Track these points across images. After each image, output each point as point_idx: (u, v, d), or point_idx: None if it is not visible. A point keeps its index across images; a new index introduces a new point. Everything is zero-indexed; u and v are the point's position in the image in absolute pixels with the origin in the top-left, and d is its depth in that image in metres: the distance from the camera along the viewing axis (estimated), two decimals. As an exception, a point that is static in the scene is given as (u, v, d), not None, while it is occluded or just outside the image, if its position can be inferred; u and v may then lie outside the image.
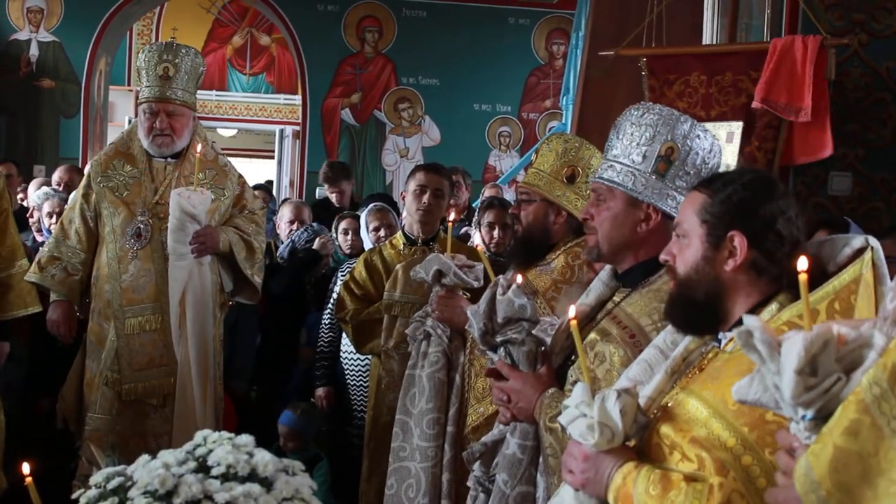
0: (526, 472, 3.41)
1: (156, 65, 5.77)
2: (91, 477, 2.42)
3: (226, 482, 2.31)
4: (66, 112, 14.00)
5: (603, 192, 3.24)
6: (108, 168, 5.85)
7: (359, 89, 14.38)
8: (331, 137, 14.31)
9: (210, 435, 2.46)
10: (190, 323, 5.69)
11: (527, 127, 14.62)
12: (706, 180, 2.67)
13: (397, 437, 4.57)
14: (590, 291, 3.40)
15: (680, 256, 2.61)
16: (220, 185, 5.89)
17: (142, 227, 5.70)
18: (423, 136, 14.41)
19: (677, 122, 3.16)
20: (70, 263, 5.83)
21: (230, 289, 6.01)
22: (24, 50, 13.93)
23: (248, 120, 17.81)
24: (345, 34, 14.37)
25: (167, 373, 5.68)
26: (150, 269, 5.69)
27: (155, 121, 5.76)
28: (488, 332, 3.46)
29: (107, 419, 5.66)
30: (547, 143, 4.57)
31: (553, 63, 14.66)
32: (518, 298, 3.44)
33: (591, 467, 2.47)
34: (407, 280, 5.55)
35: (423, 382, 4.47)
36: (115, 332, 5.68)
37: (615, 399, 2.41)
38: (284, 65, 17.50)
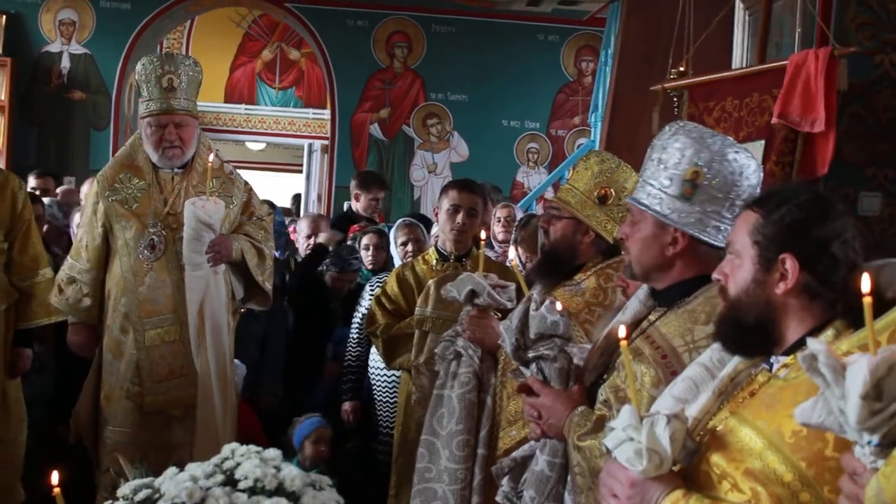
0: (554, 489, 3.40)
1: (158, 77, 5.74)
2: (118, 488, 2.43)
3: (253, 496, 2.31)
4: (97, 124, 14.06)
5: (636, 214, 3.23)
6: (114, 182, 5.83)
7: (387, 104, 14.39)
8: (359, 152, 14.32)
9: (238, 448, 2.46)
10: (208, 332, 5.69)
11: (555, 143, 14.60)
12: (760, 199, 2.62)
13: (423, 457, 4.54)
14: (626, 309, 3.38)
15: (732, 277, 2.56)
16: (227, 193, 5.89)
17: (155, 238, 5.69)
18: (452, 151, 14.40)
19: (704, 145, 3.12)
20: (83, 283, 5.82)
21: (241, 296, 6.01)
22: (55, 62, 14.00)
23: (276, 134, 17.84)
24: (374, 49, 14.39)
25: (188, 383, 5.68)
26: (167, 281, 5.68)
27: (163, 133, 5.73)
28: (520, 348, 3.45)
29: (128, 432, 5.65)
30: (584, 160, 4.53)
31: (582, 80, 14.64)
32: (551, 315, 3.43)
33: (638, 494, 2.43)
34: (439, 296, 5.54)
35: (453, 403, 4.45)
36: (135, 345, 5.67)
37: (665, 425, 2.37)
38: (314, 79, 17.53)
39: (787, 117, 5.85)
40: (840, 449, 2.18)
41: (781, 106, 5.90)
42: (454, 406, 4.44)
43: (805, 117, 5.83)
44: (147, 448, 5.52)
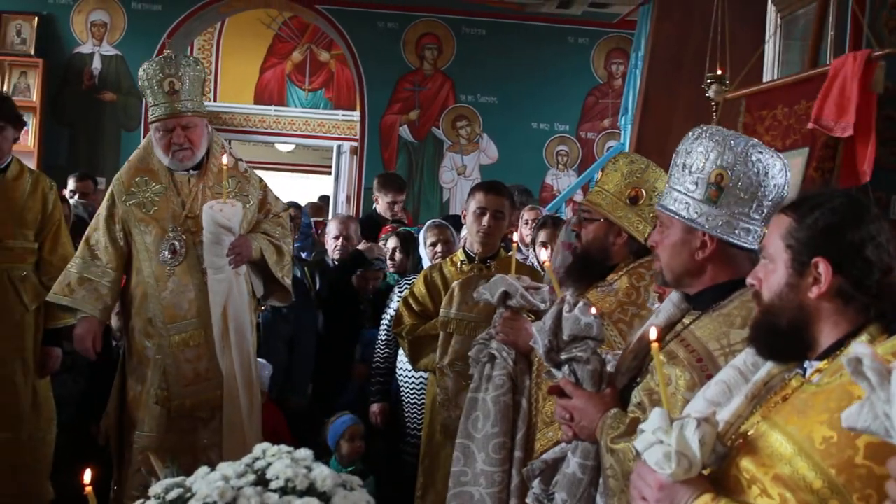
0: (585, 492, 3.39)
1: (160, 81, 5.73)
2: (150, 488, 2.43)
3: (284, 496, 2.31)
4: (127, 125, 14.10)
5: (664, 220, 3.23)
6: (131, 186, 5.84)
7: (417, 106, 14.39)
8: (388, 154, 14.32)
9: (269, 448, 2.46)
10: (232, 334, 5.70)
11: (585, 146, 14.56)
12: (794, 203, 2.60)
13: (458, 461, 4.53)
14: (660, 312, 3.38)
15: (765, 281, 2.55)
16: (244, 192, 5.90)
17: (176, 243, 5.69)
18: (481, 153, 14.38)
19: (727, 147, 3.12)
20: (101, 284, 5.79)
21: (261, 293, 6.02)
22: (87, 63, 14.05)
23: (306, 135, 17.84)
24: (404, 51, 14.39)
25: (214, 386, 5.70)
26: (189, 285, 5.69)
27: (171, 137, 5.74)
28: (553, 349, 3.44)
29: (155, 437, 5.66)
30: (613, 161, 4.52)
31: (612, 82, 14.60)
32: (584, 316, 3.41)
33: (666, 497, 2.42)
34: (463, 298, 5.55)
35: (488, 406, 4.44)
36: (160, 350, 5.68)
37: (695, 428, 2.36)
38: (343, 81, 17.53)
39: (821, 121, 5.80)
40: (870, 457, 2.18)
41: (817, 111, 5.85)
42: (489, 409, 4.43)
43: (838, 121, 5.77)
44: (175, 451, 5.51)
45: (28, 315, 6.36)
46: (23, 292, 6.31)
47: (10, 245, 6.31)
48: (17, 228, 6.34)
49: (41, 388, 6.47)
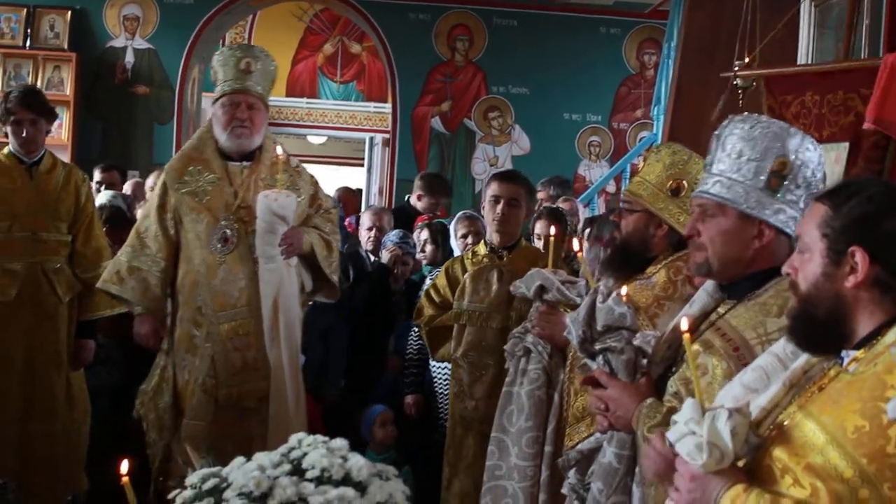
0: (622, 481, 3.38)
1: (236, 61, 5.81)
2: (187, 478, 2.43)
3: (320, 485, 2.31)
4: (160, 118, 14.15)
5: (711, 208, 3.17)
6: (184, 174, 5.87)
7: (449, 98, 14.37)
8: (420, 145, 14.32)
9: (305, 438, 2.46)
10: (282, 325, 5.71)
11: (617, 137, 14.50)
12: (830, 191, 2.57)
13: (493, 455, 4.54)
14: (694, 302, 3.35)
15: (801, 271, 2.52)
16: (296, 187, 5.91)
17: (228, 232, 5.71)
18: (513, 144, 14.35)
19: (788, 135, 3.10)
20: (150, 273, 5.82)
21: (310, 288, 6.02)
22: (119, 57, 14.10)
23: (338, 128, 17.87)
24: (435, 43, 14.37)
25: (262, 376, 5.71)
26: (240, 274, 5.70)
27: (235, 112, 5.77)
28: (587, 340, 3.42)
29: (202, 425, 5.68)
30: (655, 152, 4.47)
31: (644, 73, 14.53)
32: (618, 307, 3.40)
33: (698, 488, 2.41)
34: (474, 288, 5.57)
35: (523, 400, 4.44)
36: (209, 339, 5.69)
37: (726, 419, 2.35)
38: (375, 73, 17.55)
39: (884, 122, 5.67)
40: None
41: (877, 110, 5.72)
42: (523, 403, 4.43)
43: None
44: (222, 440, 5.54)
45: (62, 307, 6.40)
46: (56, 284, 6.35)
47: (43, 238, 6.35)
48: (51, 221, 6.37)
49: (75, 380, 6.50)
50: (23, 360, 6.28)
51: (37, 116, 6.38)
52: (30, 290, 6.29)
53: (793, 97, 6.36)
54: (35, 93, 6.65)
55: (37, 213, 6.33)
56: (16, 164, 6.37)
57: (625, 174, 12.40)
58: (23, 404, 6.27)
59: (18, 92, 6.46)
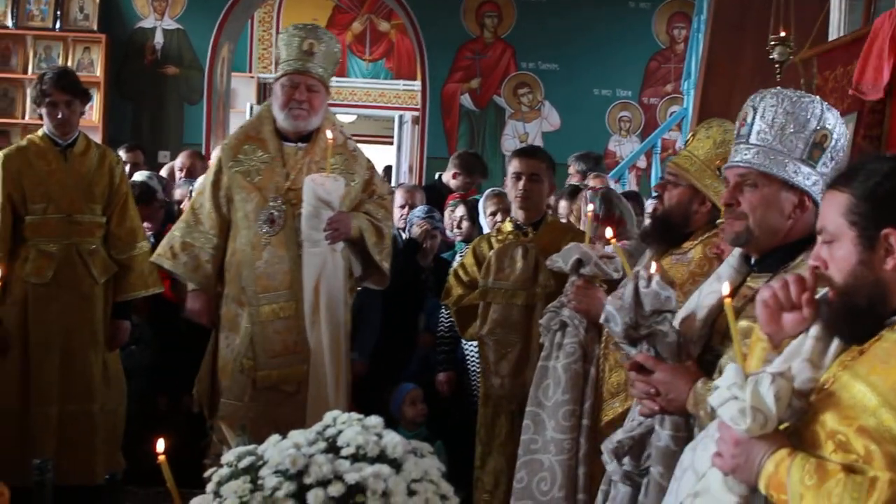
0: (679, 463, 3.36)
1: (300, 41, 5.79)
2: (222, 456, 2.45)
3: (355, 463, 2.32)
4: (190, 98, 14.20)
5: (753, 177, 3.14)
6: (239, 153, 5.87)
7: (478, 74, 14.35)
8: (450, 123, 14.31)
9: (340, 416, 2.47)
10: (323, 310, 5.70)
11: (647, 112, 14.46)
12: (842, 177, 2.56)
13: (528, 429, 4.54)
14: (721, 277, 3.33)
15: (832, 262, 2.50)
16: (350, 171, 5.89)
17: (275, 213, 5.71)
18: (543, 121, 14.33)
19: (827, 110, 3.11)
20: (203, 250, 5.85)
21: (359, 274, 6.01)
22: (149, 38, 14.16)
23: (367, 106, 17.88)
24: (464, 19, 14.35)
25: (301, 360, 5.71)
26: (284, 256, 5.71)
27: (294, 93, 5.76)
28: (632, 326, 3.40)
29: (239, 405, 5.70)
30: (706, 127, 4.41)
31: (674, 47, 14.47)
32: (664, 290, 3.37)
33: (742, 452, 2.41)
34: (499, 266, 5.56)
35: (559, 374, 4.43)
36: (250, 319, 5.71)
37: (769, 383, 2.35)
38: (404, 50, 17.54)
39: (860, 86, 5.63)
40: None
41: (857, 74, 5.67)
42: (560, 376, 4.42)
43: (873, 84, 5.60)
44: (259, 422, 5.54)
45: (97, 288, 6.43)
46: (92, 266, 6.38)
47: (78, 219, 6.38)
48: (86, 203, 6.40)
49: (111, 361, 6.54)
50: (60, 342, 6.31)
51: (72, 98, 6.41)
52: (66, 271, 6.33)
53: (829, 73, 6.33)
54: (69, 74, 6.67)
55: (72, 194, 6.36)
56: (50, 147, 6.41)
57: (655, 149, 12.36)
58: (61, 385, 6.31)
59: (53, 73, 6.48)
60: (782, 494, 2.33)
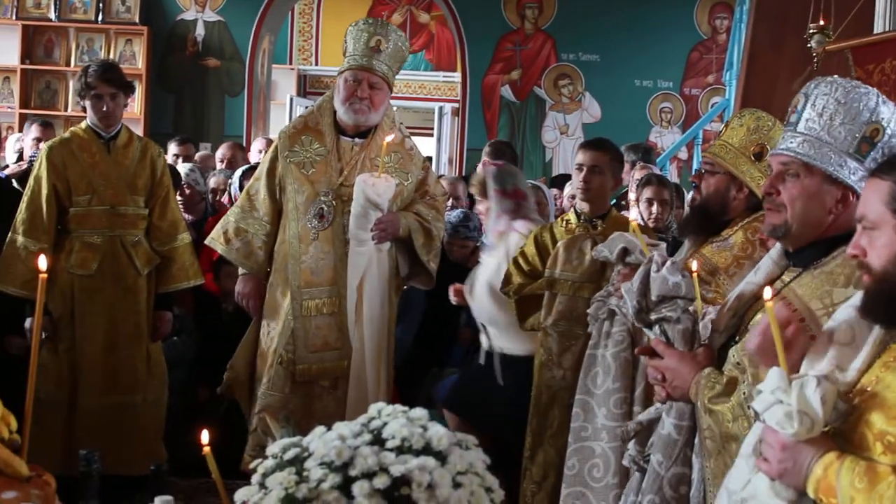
0: (681, 452, 3.35)
1: (368, 37, 5.83)
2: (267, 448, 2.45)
3: (400, 455, 2.31)
4: (231, 90, 14.26)
5: (796, 167, 3.07)
6: (295, 143, 5.91)
7: (518, 66, 14.32)
8: (490, 114, 14.29)
9: (384, 408, 2.47)
10: (366, 308, 5.72)
11: (689, 103, 14.38)
12: (885, 165, 2.54)
13: (578, 417, 4.55)
14: (759, 269, 3.29)
15: (872, 250, 2.46)
16: (404, 169, 5.91)
17: (325, 207, 5.74)
18: (584, 112, 14.28)
19: (882, 103, 3.02)
20: (256, 236, 5.91)
21: (406, 273, 6.02)
22: (190, 30, 14.22)
23: (407, 97, 17.87)
24: (505, 10, 14.32)
25: (341, 356, 5.73)
26: (330, 252, 5.73)
27: (357, 88, 5.79)
28: (642, 310, 3.38)
29: (279, 397, 5.73)
30: (738, 116, 4.44)
31: (716, 38, 14.37)
32: (672, 276, 3.35)
33: (789, 457, 2.38)
34: (567, 257, 5.53)
35: (608, 362, 4.44)
36: (292, 313, 5.73)
37: (815, 386, 2.32)
38: (443, 42, 17.53)
39: None
40: None
41: None
42: (609, 364, 4.43)
43: None
44: (297, 416, 5.55)
45: (140, 279, 6.46)
46: (135, 257, 6.41)
47: (122, 211, 6.41)
48: (129, 195, 6.43)
49: (154, 352, 6.57)
50: (105, 333, 6.35)
51: (116, 90, 6.44)
52: (110, 263, 6.36)
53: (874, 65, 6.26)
54: (114, 67, 6.71)
55: (115, 186, 6.40)
56: (94, 139, 6.44)
57: (697, 140, 12.31)
58: (106, 376, 6.35)
59: (98, 66, 6.51)
60: (832, 498, 2.31)
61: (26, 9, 13.84)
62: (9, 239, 6.27)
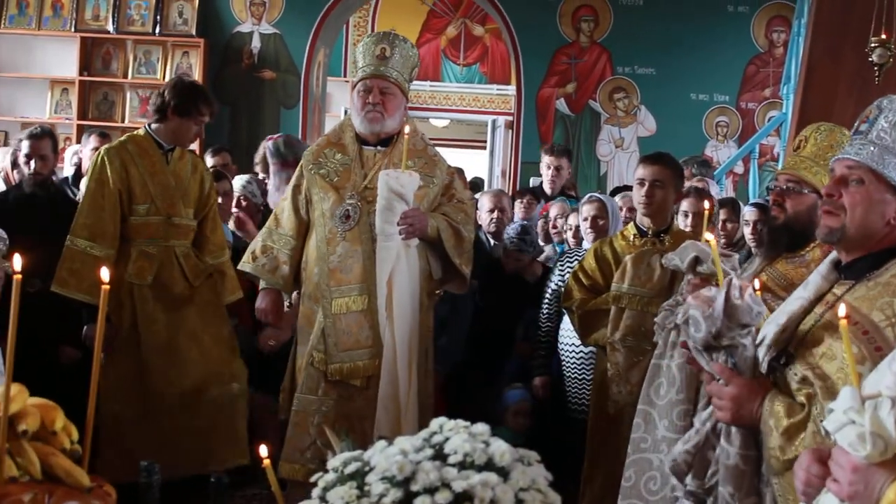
0: (750, 483, 3.29)
1: (374, 46, 5.88)
2: (328, 461, 2.44)
3: (462, 470, 2.29)
4: (286, 103, 14.31)
5: (860, 174, 3.03)
6: (319, 156, 5.97)
7: (574, 79, 14.28)
8: (545, 127, 14.25)
9: (446, 423, 2.45)
10: (396, 306, 5.71)
11: (745, 117, 14.27)
12: None
13: (638, 427, 4.51)
14: (808, 284, 3.25)
15: None
16: (429, 174, 5.92)
17: (350, 209, 5.77)
18: (639, 125, 14.21)
19: None
20: (281, 251, 5.96)
21: (439, 276, 6.01)
22: (246, 42, 14.29)
23: (460, 110, 17.90)
24: (560, 24, 14.28)
25: (372, 354, 5.73)
26: (358, 251, 5.74)
27: (368, 97, 5.83)
28: (714, 336, 3.32)
29: (312, 399, 5.75)
30: (816, 132, 4.39)
31: (773, 51, 14.26)
32: (756, 305, 3.29)
33: (860, 480, 2.32)
34: (636, 272, 5.50)
35: (673, 372, 4.39)
36: (323, 313, 5.75)
37: (890, 408, 2.27)
38: (498, 55, 17.53)
39: None
40: None
41: None
42: (674, 375, 4.38)
43: None
44: (331, 417, 5.64)
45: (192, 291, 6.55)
46: (185, 268, 6.49)
47: (176, 222, 6.48)
48: (182, 206, 6.50)
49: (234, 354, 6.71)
50: (165, 341, 6.44)
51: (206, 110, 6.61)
52: (164, 273, 6.43)
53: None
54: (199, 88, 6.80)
55: (173, 198, 6.47)
56: (154, 147, 6.51)
57: (753, 155, 12.22)
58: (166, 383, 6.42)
59: (202, 93, 6.69)
60: None
61: (85, 21, 13.97)
62: (69, 243, 6.29)
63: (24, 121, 13.10)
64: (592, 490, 5.68)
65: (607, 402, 5.66)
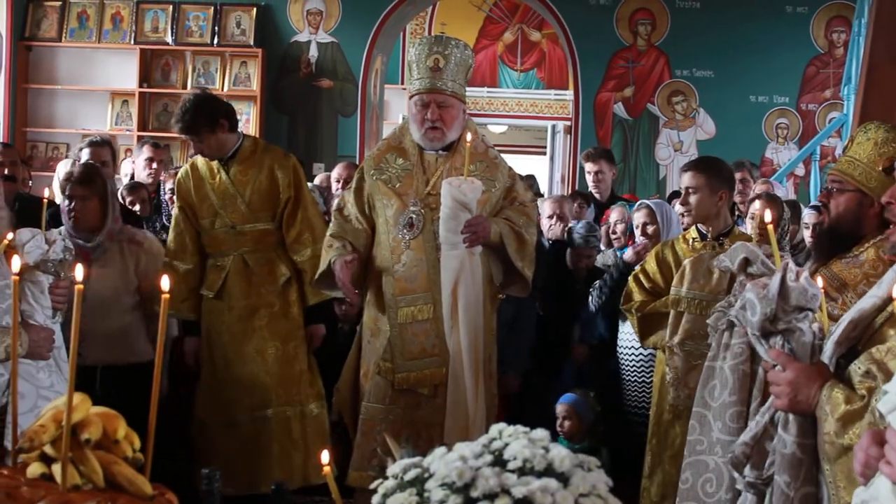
0: (808, 471, 3.26)
1: (426, 57, 5.79)
2: (388, 468, 2.44)
3: (522, 476, 2.29)
4: (344, 111, 14.36)
5: None
6: (380, 161, 5.94)
7: (631, 83, 14.22)
8: (603, 132, 14.21)
9: (505, 429, 2.44)
10: (462, 313, 5.69)
11: (805, 118, 14.15)
12: None
13: (694, 430, 4.48)
14: (882, 283, 3.22)
15: None
16: (490, 178, 5.87)
17: (414, 217, 5.74)
18: (698, 129, 14.13)
19: None
20: (356, 238, 5.88)
21: (500, 280, 6.00)
22: (304, 51, 14.36)
23: (518, 116, 17.89)
24: (617, 27, 14.24)
25: (439, 363, 5.71)
26: (423, 259, 5.72)
27: (426, 112, 5.78)
28: (770, 319, 3.30)
29: (380, 408, 5.74)
30: (864, 131, 4.35)
31: (833, 52, 14.13)
32: (811, 287, 3.27)
33: None
34: (695, 276, 5.48)
35: (726, 374, 4.35)
36: (389, 323, 5.74)
37: None
38: (555, 60, 17.52)
39: None
40: None
41: None
42: (727, 377, 4.35)
43: None
44: (398, 425, 5.62)
45: (262, 297, 6.66)
46: (257, 276, 6.63)
47: (240, 229, 6.66)
48: (248, 212, 6.66)
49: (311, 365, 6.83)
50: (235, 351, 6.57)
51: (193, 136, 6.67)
52: (231, 284, 6.56)
53: None
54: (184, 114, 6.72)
55: (234, 205, 6.56)
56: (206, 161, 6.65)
57: (814, 157, 12.12)
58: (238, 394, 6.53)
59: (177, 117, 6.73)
60: None
61: (144, 34, 14.11)
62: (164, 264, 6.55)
63: (85, 133, 13.25)
64: (652, 490, 5.66)
65: (666, 405, 5.64)
